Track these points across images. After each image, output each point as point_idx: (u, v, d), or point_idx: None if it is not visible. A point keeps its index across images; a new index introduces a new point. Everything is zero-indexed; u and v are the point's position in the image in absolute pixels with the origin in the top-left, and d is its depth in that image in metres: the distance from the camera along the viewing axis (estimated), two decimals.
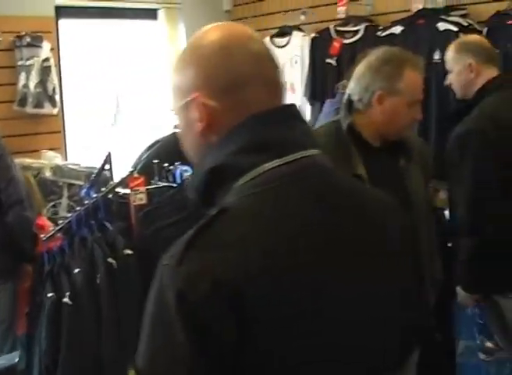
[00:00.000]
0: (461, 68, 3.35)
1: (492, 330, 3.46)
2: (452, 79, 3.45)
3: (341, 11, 5.19)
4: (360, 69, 2.68)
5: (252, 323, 1.14)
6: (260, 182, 1.25)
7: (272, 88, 1.34)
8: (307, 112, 5.43)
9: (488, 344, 3.45)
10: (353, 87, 2.69)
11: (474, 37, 3.59)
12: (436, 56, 4.35)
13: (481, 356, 3.41)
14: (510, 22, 4.16)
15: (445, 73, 3.53)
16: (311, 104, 5.35)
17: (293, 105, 1.36)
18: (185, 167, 2.59)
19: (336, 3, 5.24)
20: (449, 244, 3.43)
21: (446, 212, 3.58)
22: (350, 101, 2.70)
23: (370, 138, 2.67)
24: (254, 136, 1.28)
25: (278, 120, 1.31)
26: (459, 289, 3.27)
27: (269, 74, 1.34)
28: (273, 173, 1.26)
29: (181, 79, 1.35)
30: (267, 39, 5.71)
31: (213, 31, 1.36)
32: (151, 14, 6.24)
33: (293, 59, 5.49)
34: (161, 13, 6.23)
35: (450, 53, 3.44)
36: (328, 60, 5.09)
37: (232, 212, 1.22)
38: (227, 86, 1.30)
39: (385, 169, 2.66)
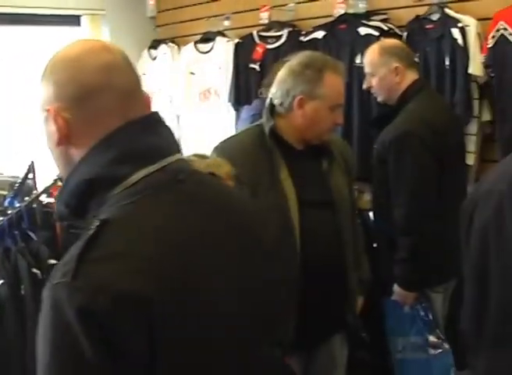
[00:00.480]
0: (386, 72, 3.39)
1: (436, 323, 3.52)
2: (375, 82, 3.49)
3: (264, 16, 5.22)
4: (281, 73, 2.70)
5: (159, 332, 1.17)
6: (136, 190, 1.28)
7: (127, 98, 1.37)
8: (232, 117, 5.43)
9: (432, 339, 3.49)
10: (274, 91, 2.71)
11: (394, 41, 3.64)
12: (358, 60, 4.40)
13: (431, 351, 3.45)
14: (428, 26, 4.24)
15: None
16: (236, 109, 5.36)
17: (156, 113, 1.40)
18: None
19: (258, 9, 5.26)
20: (375, 245, 3.48)
21: (371, 214, 3.62)
22: (272, 105, 2.71)
23: (292, 141, 2.69)
24: (125, 145, 1.32)
25: (145, 128, 1.35)
26: (397, 288, 3.32)
27: (122, 84, 1.36)
28: (148, 181, 1.30)
29: (40, 93, 1.39)
30: (191, 45, 5.70)
31: (68, 46, 1.41)
32: (74, 20, 6.16)
33: (217, 65, 5.49)
34: (84, 20, 6.16)
35: (373, 56, 3.47)
36: (252, 65, 5.11)
37: (116, 222, 1.24)
38: (78, 97, 1.33)
39: (308, 171, 2.68)
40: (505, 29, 3.93)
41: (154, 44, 6.14)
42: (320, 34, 4.71)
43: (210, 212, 1.36)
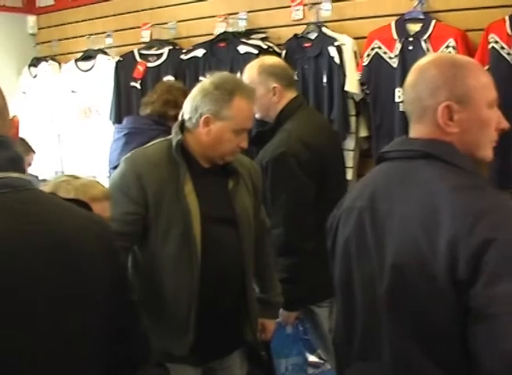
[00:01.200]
0: (264, 90, 3.38)
1: (314, 344, 3.54)
2: None
3: (145, 34, 5.21)
4: (194, 89, 2.70)
5: None
6: None
7: None
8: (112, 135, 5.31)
9: (312, 359, 3.54)
10: (185, 106, 2.71)
11: (274, 60, 3.65)
12: None
13: (310, 371, 3.48)
14: (306, 45, 4.32)
15: None
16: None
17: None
18: None
19: (140, 27, 5.26)
20: None
21: None
22: (183, 120, 2.71)
23: (199, 158, 2.68)
24: None
25: None
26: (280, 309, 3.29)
27: None
28: None
29: None
30: (71, 63, 5.62)
31: None
32: None
33: (98, 83, 5.40)
34: None
35: (252, 74, 3.46)
36: (133, 83, 5.06)
37: None
38: None
39: (213, 188, 2.69)
40: (379, 47, 4.08)
41: (35, 62, 5.98)
42: (200, 52, 4.72)
43: (22, 228, 1.33)
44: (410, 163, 1.77)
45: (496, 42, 3.80)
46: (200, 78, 4.33)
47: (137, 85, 5.04)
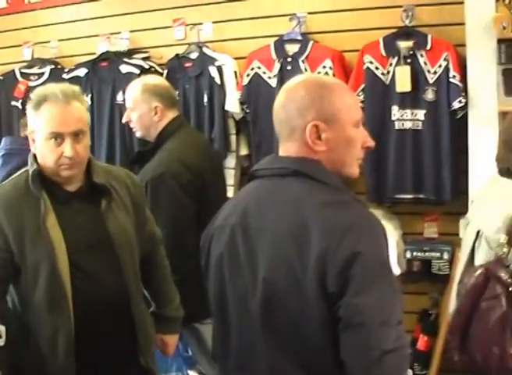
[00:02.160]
0: (146, 110, 3.38)
1: (198, 360, 3.52)
2: (134, 118, 3.47)
3: (26, 53, 5.09)
4: None
5: None
6: None
7: None
8: None
9: (192, 373, 3.54)
10: None
11: (157, 80, 3.64)
12: (120, 98, 4.39)
13: None
14: (187, 65, 4.36)
15: None
16: None
17: None
18: None
19: (21, 45, 5.13)
20: None
21: None
22: None
23: (61, 182, 2.48)
24: None
25: None
26: None
27: None
28: None
29: None
30: None
31: None
32: None
33: None
34: None
35: (135, 93, 3.46)
36: (14, 103, 4.93)
37: None
38: None
39: (82, 215, 2.50)
40: (259, 67, 4.16)
41: None
42: (82, 72, 4.66)
43: None
44: (280, 180, 1.80)
45: (371, 62, 3.98)
46: None
47: (18, 105, 4.90)
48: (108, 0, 4.84)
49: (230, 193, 4.10)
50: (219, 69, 4.24)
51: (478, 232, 2.58)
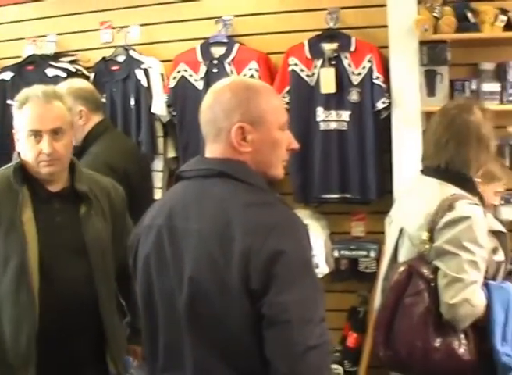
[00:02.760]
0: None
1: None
2: None
3: None
4: None
5: None
6: None
7: None
8: None
9: None
10: None
11: (82, 83, 3.61)
12: None
13: None
14: (114, 68, 4.33)
15: None
16: None
17: None
18: None
19: None
20: None
21: None
22: None
23: (44, 181, 2.52)
24: None
25: None
26: None
27: None
28: None
29: None
30: None
31: None
32: None
33: None
34: None
35: None
36: None
37: None
38: None
39: (61, 216, 2.53)
40: (185, 70, 4.16)
41: None
42: (8, 75, 4.57)
43: None
44: (206, 181, 1.81)
45: (296, 64, 4.01)
46: (8, 101, 4.24)
47: None
48: (34, 3, 4.76)
49: (158, 196, 4.06)
50: (146, 72, 4.22)
51: (401, 230, 2.61)
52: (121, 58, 4.36)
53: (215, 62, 4.14)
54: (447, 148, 2.51)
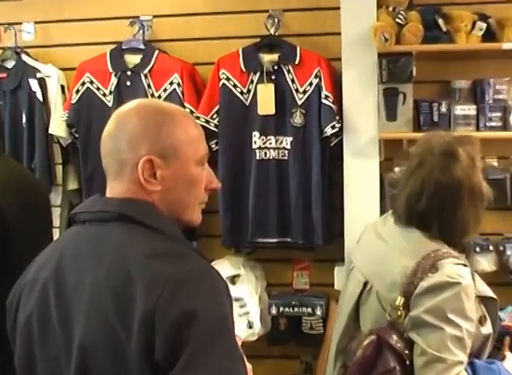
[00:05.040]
0: None
1: None
2: None
3: None
4: None
5: None
6: None
7: None
8: None
9: None
10: None
11: None
12: None
13: None
14: (1, 75, 3.88)
15: None
16: None
17: None
18: None
19: None
20: None
21: None
22: None
23: None
24: None
25: None
26: None
27: None
28: None
29: None
30: None
31: None
32: None
33: None
34: None
35: None
36: None
37: None
38: None
39: None
40: (91, 82, 3.75)
41: None
42: None
43: None
44: (103, 227, 1.66)
45: (228, 79, 3.69)
46: None
47: None
48: None
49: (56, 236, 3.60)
50: (42, 82, 3.77)
51: (366, 284, 2.39)
52: (10, 64, 3.89)
53: (129, 73, 3.68)
54: (435, 209, 2.31)
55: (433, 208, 2.33)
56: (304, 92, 3.59)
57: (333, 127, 3.51)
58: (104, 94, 3.69)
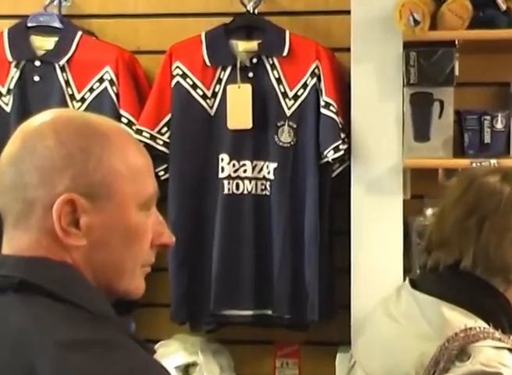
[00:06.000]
0: None
1: None
2: None
3: None
4: None
5: None
6: None
7: None
8: None
9: None
10: None
11: None
12: None
13: None
14: None
15: None
16: None
17: None
18: None
19: None
20: None
21: None
22: None
23: None
24: None
25: None
26: None
27: None
28: None
29: None
30: None
31: None
32: None
33: None
34: None
35: None
36: None
37: None
38: None
39: None
40: None
41: None
42: None
43: None
44: None
45: (185, 76, 2.86)
46: None
47: None
48: None
49: None
50: None
51: None
52: None
53: (38, 63, 2.86)
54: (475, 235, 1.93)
55: (467, 232, 1.98)
56: (296, 97, 2.84)
57: (337, 149, 2.76)
58: (1, 94, 2.84)
